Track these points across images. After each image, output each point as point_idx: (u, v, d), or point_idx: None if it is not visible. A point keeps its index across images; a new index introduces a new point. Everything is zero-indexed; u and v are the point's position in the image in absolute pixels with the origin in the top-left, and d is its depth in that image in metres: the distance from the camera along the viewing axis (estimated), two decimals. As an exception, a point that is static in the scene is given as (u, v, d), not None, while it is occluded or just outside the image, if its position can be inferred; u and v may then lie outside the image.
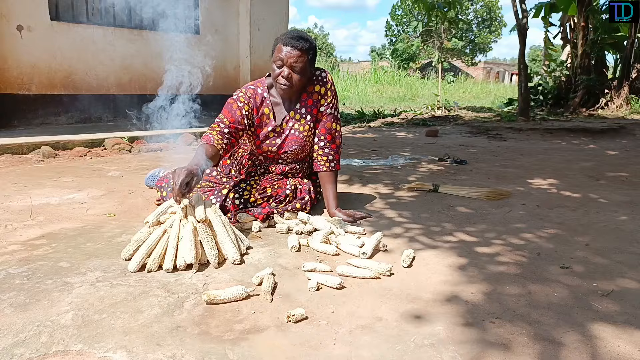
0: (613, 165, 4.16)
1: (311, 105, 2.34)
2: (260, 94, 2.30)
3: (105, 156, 4.30)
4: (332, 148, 2.38)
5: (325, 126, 2.37)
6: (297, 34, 2.17)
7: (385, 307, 1.43)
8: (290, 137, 2.34)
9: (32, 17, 5.56)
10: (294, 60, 2.12)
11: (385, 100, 15.85)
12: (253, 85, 2.33)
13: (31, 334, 1.24)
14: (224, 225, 1.81)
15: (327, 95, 2.34)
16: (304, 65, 2.15)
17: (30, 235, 2.02)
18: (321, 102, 2.35)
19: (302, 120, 2.34)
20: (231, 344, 1.22)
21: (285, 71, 2.14)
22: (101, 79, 6.29)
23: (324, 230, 2.01)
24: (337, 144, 2.41)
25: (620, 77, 11.30)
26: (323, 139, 2.38)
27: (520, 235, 2.13)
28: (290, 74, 2.15)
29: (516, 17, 9.15)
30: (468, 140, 6.00)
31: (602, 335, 1.28)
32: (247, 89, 2.30)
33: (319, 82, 2.32)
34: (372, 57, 43.49)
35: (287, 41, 2.13)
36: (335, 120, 2.39)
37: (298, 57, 2.12)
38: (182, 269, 1.66)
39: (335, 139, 2.40)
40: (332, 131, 2.39)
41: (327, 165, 2.37)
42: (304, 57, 2.13)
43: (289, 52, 2.11)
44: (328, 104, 2.35)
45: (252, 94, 2.28)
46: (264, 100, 2.30)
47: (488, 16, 38.54)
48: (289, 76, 2.15)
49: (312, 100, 2.33)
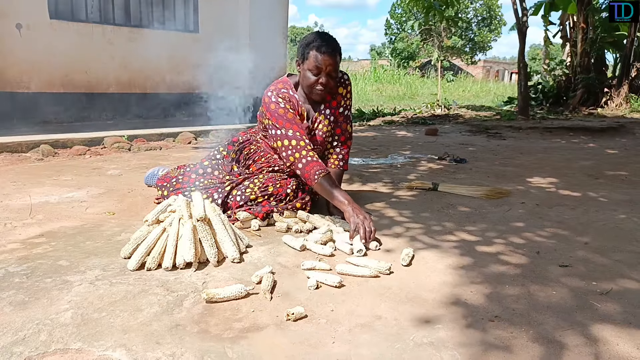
0: (612, 164, 4.16)
1: (335, 107, 2.38)
2: (293, 96, 2.29)
3: (104, 154, 4.30)
4: (343, 148, 2.47)
5: (341, 127, 2.44)
6: (327, 38, 2.16)
7: (384, 306, 1.43)
8: (314, 138, 2.37)
9: (31, 16, 5.55)
10: (332, 67, 2.14)
11: (384, 99, 15.83)
12: (283, 88, 2.27)
13: (30, 332, 1.24)
14: (223, 224, 1.81)
15: (346, 97, 2.40)
16: (337, 68, 2.19)
17: (30, 233, 2.02)
18: (342, 103, 2.39)
19: (327, 121, 2.38)
20: (230, 342, 1.22)
21: (324, 79, 2.16)
22: (100, 78, 6.28)
23: (322, 230, 2.01)
24: (348, 145, 2.49)
25: (619, 76, 11.29)
26: (337, 139, 2.44)
27: (519, 234, 2.13)
28: (327, 80, 2.17)
29: (516, 16, 9.14)
30: (468, 139, 6.00)
31: (602, 335, 1.29)
32: (281, 93, 2.23)
33: (342, 84, 2.36)
34: (372, 56, 43.46)
35: (322, 48, 2.11)
36: (350, 121, 2.47)
37: (334, 62, 2.14)
38: (181, 267, 1.66)
39: (347, 140, 2.48)
40: (346, 132, 2.46)
41: (337, 163, 2.44)
42: (337, 60, 2.16)
43: (327, 59, 2.12)
44: (347, 106, 2.41)
45: (289, 98, 2.25)
46: (298, 102, 2.30)
47: (488, 15, 38.50)
48: (326, 83, 2.17)
49: (336, 102, 2.38)
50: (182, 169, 2.55)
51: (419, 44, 33.36)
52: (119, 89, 6.46)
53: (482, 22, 38.73)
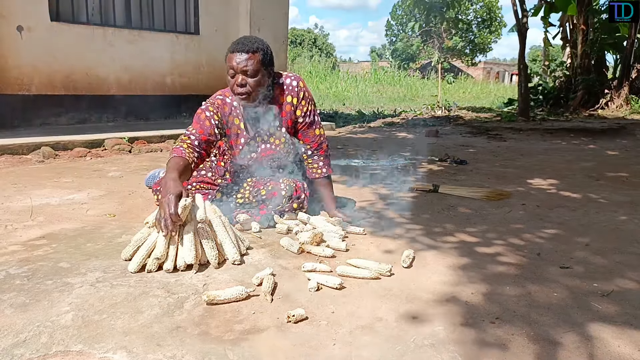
0: (613, 165, 4.16)
1: (285, 118, 2.27)
2: (229, 103, 2.24)
3: (105, 156, 4.30)
4: (320, 154, 2.35)
5: (308, 136, 2.32)
6: (243, 39, 2.12)
7: (385, 308, 1.43)
8: (266, 151, 2.29)
9: (32, 18, 5.56)
10: (244, 64, 2.05)
11: (385, 100, 15.84)
12: (221, 94, 2.26)
13: (31, 334, 1.24)
14: (224, 226, 1.81)
15: (301, 104, 2.27)
16: (256, 67, 2.07)
17: (31, 235, 2.03)
18: (296, 112, 2.27)
19: (277, 133, 2.27)
20: (231, 344, 1.22)
21: (240, 79, 2.07)
22: (101, 80, 6.29)
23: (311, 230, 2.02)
24: (324, 149, 2.37)
25: (620, 77, 11.30)
26: (309, 148, 2.33)
27: (520, 236, 2.13)
28: (244, 80, 2.08)
29: (516, 17, 9.16)
30: (468, 141, 6.00)
31: (601, 336, 1.29)
32: (214, 98, 2.25)
33: (291, 92, 2.25)
34: (372, 58, 43.46)
35: (233, 48, 2.09)
36: (317, 126, 2.34)
37: (247, 59, 2.06)
38: (182, 269, 1.66)
39: (321, 145, 2.36)
40: (317, 138, 2.34)
41: (320, 172, 2.34)
42: (253, 58, 2.06)
43: (237, 57, 2.06)
44: (305, 114, 2.28)
45: (221, 104, 2.23)
46: (233, 110, 2.24)
47: (488, 16, 38.49)
48: (243, 82, 2.08)
49: (286, 112, 2.26)
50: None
51: (419, 46, 33.37)
52: (120, 91, 6.47)
53: (482, 23, 38.74)
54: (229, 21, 7.30)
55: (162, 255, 1.65)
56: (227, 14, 7.30)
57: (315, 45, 41.33)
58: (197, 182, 2.39)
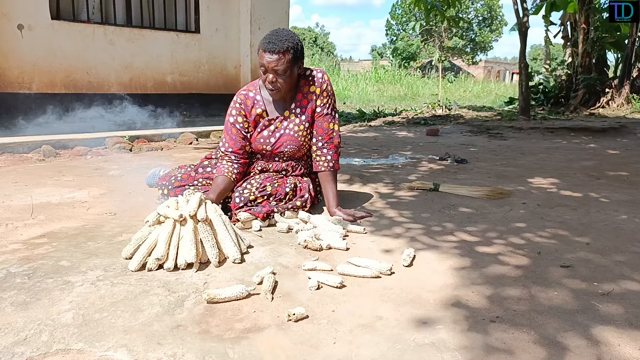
0: (614, 164, 4.16)
1: (306, 106, 2.35)
2: (252, 97, 2.35)
3: (105, 155, 4.30)
4: (330, 148, 2.39)
5: (322, 127, 2.38)
6: (275, 37, 2.15)
7: (385, 307, 1.43)
8: (284, 137, 2.35)
9: (32, 16, 5.56)
10: (275, 64, 2.13)
11: (385, 99, 15.84)
12: (245, 90, 2.38)
13: (32, 332, 1.24)
14: (224, 224, 1.81)
15: (322, 95, 2.35)
16: (286, 67, 2.15)
17: (31, 234, 2.03)
18: (317, 102, 2.35)
19: (297, 120, 2.35)
20: (232, 342, 1.22)
21: (270, 76, 2.17)
22: (102, 78, 6.29)
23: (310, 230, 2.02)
24: (335, 143, 2.41)
25: (621, 76, 11.28)
26: (321, 139, 2.38)
27: (521, 235, 2.13)
28: (275, 79, 2.17)
29: (517, 16, 9.14)
30: (469, 140, 6.00)
31: (603, 336, 1.28)
32: (238, 95, 2.38)
33: (315, 83, 2.33)
34: (373, 56, 43.44)
35: (265, 46, 2.14)
36: (333, 120, 2.39)
37: (278, 60, 2.12)
38: (182, 268, 1.66)
39: (333, 139, 2.40)
40: (330, 131, 2.39)
41: (326, 165, 2.37)
42: (283, 58, 2.13)
43: (268, 57, 2.13)
44: (324, 105, 2.36)
45: (243, 100, 2.35)
46: (256, 103, 2.34)
47: (489, 15, 38.48)
48: (273, 80, 2.17)
49: (307, 101, 2.35)
50: (183, 168, 2.55)
51: (419, 45, 33.33)
52: (120, 90, 6.48)
53: (483, 22, 38.73)
54: (230, 20, 7.30)
55: (162, 256, 1.65)
56: (228, 12, 7.30)
57: (316, 44, 41.33)
58: (203, 178, 2.41)
